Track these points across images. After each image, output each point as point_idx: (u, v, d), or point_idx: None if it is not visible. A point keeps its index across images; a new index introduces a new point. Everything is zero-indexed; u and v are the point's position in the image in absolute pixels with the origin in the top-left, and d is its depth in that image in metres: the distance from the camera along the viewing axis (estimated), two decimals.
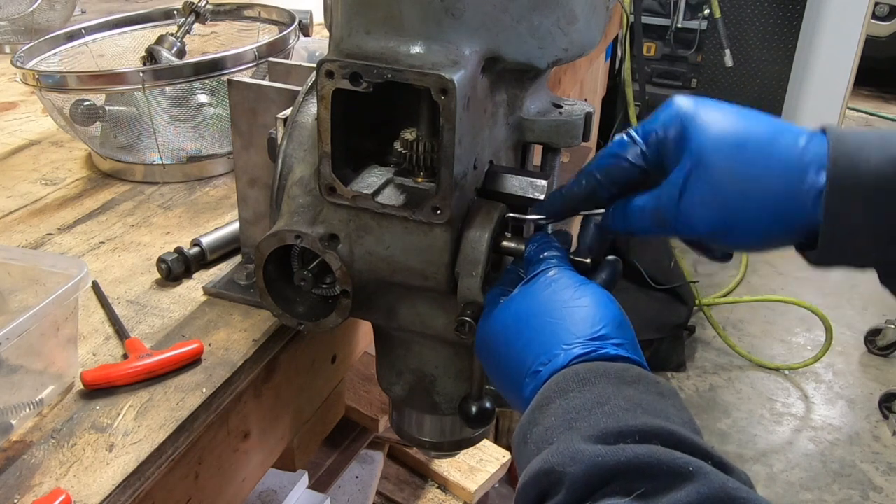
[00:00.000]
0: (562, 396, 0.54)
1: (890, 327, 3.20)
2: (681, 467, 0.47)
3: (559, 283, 0.62)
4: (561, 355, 0.57)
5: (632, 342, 0.59)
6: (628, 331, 0.60)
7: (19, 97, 1.48)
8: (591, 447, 0.49)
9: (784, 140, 0.61)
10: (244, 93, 0.85)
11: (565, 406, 0.53)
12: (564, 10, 0.67)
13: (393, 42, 0.63)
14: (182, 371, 0.75)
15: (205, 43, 1.44)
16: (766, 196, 0.60)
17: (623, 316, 0.61)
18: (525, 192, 0.70)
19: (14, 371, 0.70)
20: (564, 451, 0.49)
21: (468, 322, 0.66)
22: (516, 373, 0.60)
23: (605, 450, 0.48)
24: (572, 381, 0.55)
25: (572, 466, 0.48)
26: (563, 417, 0.53)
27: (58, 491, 0.61)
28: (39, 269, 0.74)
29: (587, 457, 0.48)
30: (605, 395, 0.53)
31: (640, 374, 0.55)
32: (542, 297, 0.62)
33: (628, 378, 0.55)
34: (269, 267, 0.71)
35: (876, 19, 5.09)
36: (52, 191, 1.11)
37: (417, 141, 0.68)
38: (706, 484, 0.46)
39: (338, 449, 1.37)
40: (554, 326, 0.59)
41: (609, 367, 0.55)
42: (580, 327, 0.58)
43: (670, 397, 0.55)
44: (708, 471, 0.47)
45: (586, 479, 0.47)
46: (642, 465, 0.47)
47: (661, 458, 0.47)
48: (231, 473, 0.76)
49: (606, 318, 0.59)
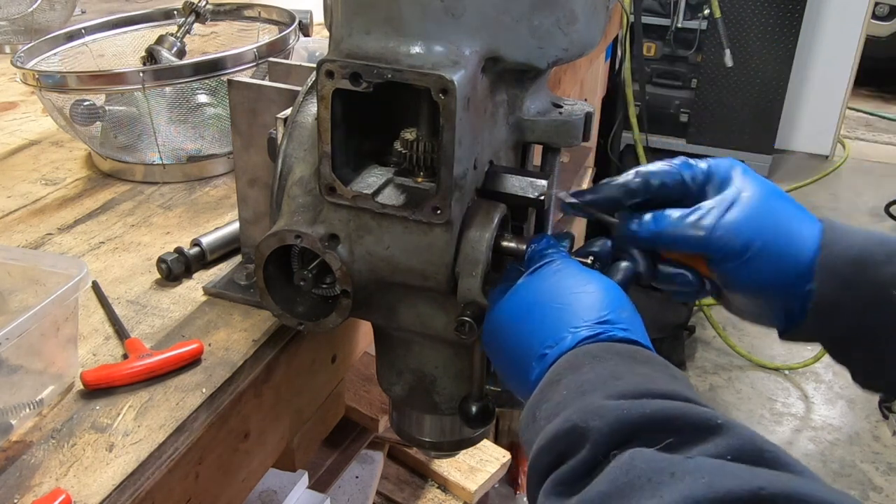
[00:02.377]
0: (574, 372, 0.54)
1: None
2: (708, 420, 0.46)
3: (564, 272, 0.63)
4: (568, 338, 0.57)
5: (639, 329, 0.59)
6: (635, 317, 0.60)
7: (19, 97, 1.48)
8: (613, 402, 0.48)
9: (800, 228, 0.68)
10: (244, 93, 0.85)
11: (577, 380, 0.53)
12: (564, 10, 0.67)
13: (393, 42, 0.63)
14: (182, 371, 0.75)
15: (205, 43, 1.44)
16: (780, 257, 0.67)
17: (630, 304, 0.61)
18: (525, 192, 0.70)
19: (14, 371, 0.70)
20: (586, 408, 0.49)
21: (468, 322, 0.66)
22: (523, 358, 0.60)
23: (630, 404, 0.48)
24: (584, 358, 0.55)
25: (595, 421, 0.47)
26: (575, 391, 0.52)
27: (58, 491, 0.61)
28: (39, 269, 0.74)
29: (611, 410, 0.47)
30: (618, 370, 0.53)
31: (650, 356, 0.56)
32: (547, 283, 0.62)
33: (640, 358, 0.55)
34: (269, 267, 0.71)
35: (876, 19, 5.09)
36: (52, 191, 1.11)
37: (417, 141, 0.68)
38: (735, 436, 0.45)
39: (338, 449, 1.36)
40: (560, 311, 0.59)
41: (620, 347, 0.56)
42: (587, 312, 0.59)
43: (682, 379, 0.55)
44: (735, 424, 0.46)
45: (611, 433, 0.47)
46: (668, 418, 0.46)
47: (686, 411, 0.47)
48: (231, 473, 0.76)
49: (613, 303, 0.60)
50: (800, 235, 0.67)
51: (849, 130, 5.23)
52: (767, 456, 0.45)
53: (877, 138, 5.31)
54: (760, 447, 0.45)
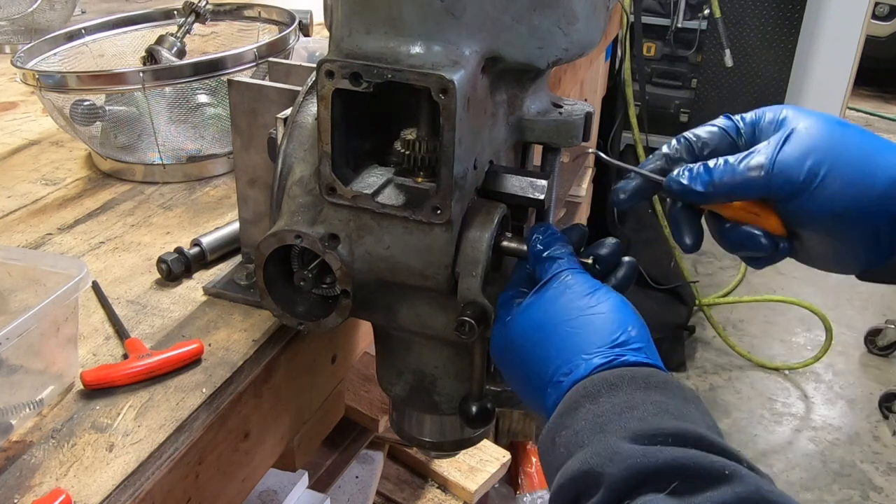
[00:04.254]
0: (591, 401, 0.55)
1: (890, 327, 3.20)
2: (717, 469, 0.48)
3: (574, 290, 0.62)
4: (582, 365, 0.58)
5: (649, 344, 0.60)
6: (644, 332, 0.60)
7: (19, 97, 1.48)
8: (628, 446, 0.50)
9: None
10: (244, 93, 0.85)
11: (595, 410, 0.54)
12: (564, 10, 0.67)
13: (393, 42, 0.63)
14: (182, 371, 0.75)
15: (205, 43, 1.44)
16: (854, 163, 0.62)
17: (639, 318, 0.61)
18: (525, 192, 0.70)
19: (14, 371, 0.70)
20: (602, 452, 0.50)
21: (468, 322, 0.66)
22: (537, 382, 0.61)
23: (643, 450, 0.49)
24: (601, 385, 0.55)
25: (610, 467, 0.49)
26: (594, 421, 0.54)
27: (58, 491, 0.61)
28: (39, 269, 0.73)
29: (625, 457, 0.49)
30: (633, 399, 0.54)
31: (665, 380, 0.56)
32: (558, 305, 0.62)
33: (654, 383, 0.55)
34: (269, 267, 0.71)
35: (876, 19, 5.10)
36: (52, 191, 1.11)
37: (417, 141, 0.68)
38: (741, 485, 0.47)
39: (338, 449, 1.36)
40: (573, 336, 0.60)
41: (636, 373, 0.56)
42: (599, 335, 0.59)
43: (694, 402, 0.56)
44: (743, 473, 0.48)
45: (625, 479, 0.48)
46: (680, 467, 0.48)
47: (698, 460, 0.48)
48: (231, 473, 0.76)
49: (624, 323, 0.59)
50: (874, 158, 0.62)
51: None
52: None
53: None
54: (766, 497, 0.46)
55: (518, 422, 2.36)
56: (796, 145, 0.63)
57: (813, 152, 0.62)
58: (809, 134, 0.63)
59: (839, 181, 0.62)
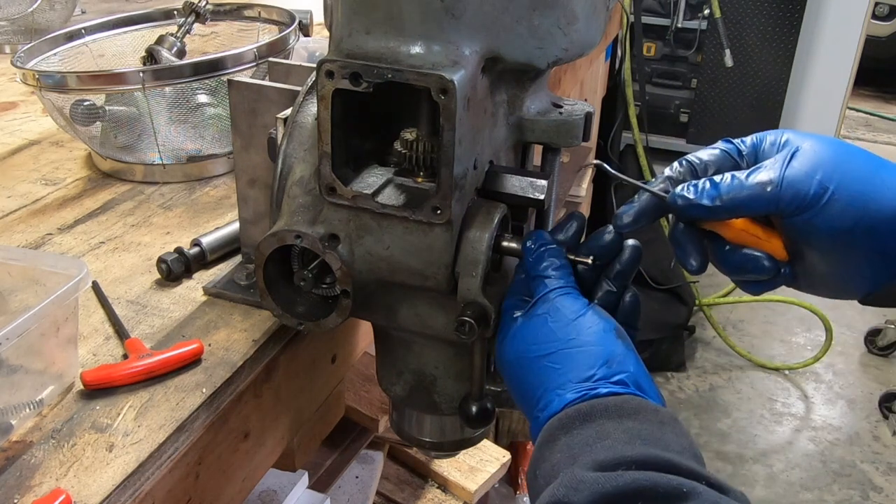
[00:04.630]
0: (566, 433, 0.58)
1: (890, 327, 3.20)
2: (675, 488, 0.50)
3: (558, 318, 0.63)
4: (555, 401, 0.60)
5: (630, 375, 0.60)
6: (625, 362, 0.61)
7: (19, 97, 1.48)
8: (591, 475, 0.52)
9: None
10: (244, 93, 0.85)
11: (569, 442, 0.57)
12: (564, 10, 0.67)
13: (393, 42, 0.63)
14: (182, 371, 0.75)
15: (205, 43, 1.44)
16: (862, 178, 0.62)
17: (620, 347, 0.62)
18: (525, 192, 0.70)
19: (14, 371, 0.70)
20: (568, 483, 0.53)
21: (468, 322, 0.66)
22: (524, 411, 0.65)
23: (605, 476, 0.52)
24: (575, 418, 0.58)
25: (575, 495, 0.52)
26: (568, 453, 0.56)
27: (58, 491, 0.61)
28: (39, 269, 0.74)
29: (588, 485, 0.52)
30: (605, 429, 0.56)
31: (639, 406, 0.58)
32: (541, 335, 0.64)
33: (627, 410, 0.57)
34: (269, 267, 0.71)
35: (876, 19, 5.10)
36: (52, 191, 1.11)
37: (417, 141, 0.68)
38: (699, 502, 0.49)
39: (338, 449, 1.36)
40: (551, 372, 0.62)
41: (609, 403, 0.58)
42: (576, 370, 0.61)
43: (670, 424, 0.57)
44: (701, 490, 0.50)
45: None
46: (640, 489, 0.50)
47: (657, 481, 0.51)
48: (231, 473, 0.76)
49: (601, 358, 0.61)
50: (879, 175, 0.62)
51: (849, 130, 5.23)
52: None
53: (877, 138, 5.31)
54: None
55: (518, 422, 2.36)
56: (804, 161, 0.63)
57: (820, 168, 0.62)
58: (815, 151, 0.63)
59: (847, 197, 0.61)
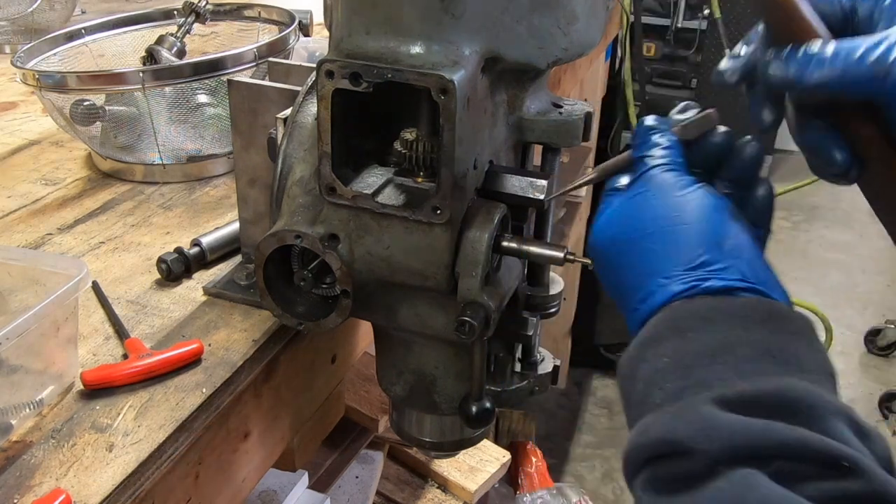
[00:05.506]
0: (678, 335, 0.49)
1: (890, 327, 3.20)
2: (833, 458, 0.41)
3: (658, 193, 0.55)
4: (657, 293, 0.52)
5: (746, 260, 0.52)
6: (740, 247, 0.52)
7: (19, 97, 1.48)
8: (725, 418, 0.43)
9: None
10: (244, 93, 0.85)
11: (682, 347, 0.48)
12: (564, 10, 0.67)
13: (393, 42, 0.63)
14: (182, 371, 0.75)
15: (205, 43, 1.44)
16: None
17: (734, 228, 0.53)
18: (525, 192, 0.70)
19: (14, 371, 0.70)
20: (694, 422, 0.44)
21: (468, 322, 0.66)
22: (620, 302, 0.56)
23: (745, 427, 0.43)
24: (689, 318, 0.49)
25: (706, 443, 0.43)
26: (679, 362, 0.48)
27: (58, 491, 0.61)
28: (39, 269, 0.74)
29: (724, 433, 0.43)
30: (728, 340, 0.47)
31: (770, 310, 0.49)
32: (640, 212, 0.55)
33: (756, 317, 0.49)
34: (269, 267, 0.71)
35: None
36: (52, 191, 1.11)
37: (417, 141, 0.68)
38: (863, 483, 0.40)
39: (338, 449, 1.36)
40: (649, 255, 0.53)
41: (734, 305, 0.49)
42: (678, 253, 0.52)
43: (803, 334, 0.50)
44: (866, 468, 0.41)
45: (721, 455, 0.43)
46: (790, 452, 0.42)
47: (813, 445, 0.42)
48: (231, 473, 0.76)
49: (710, 237, 0.52)
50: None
51: None
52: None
53: None
54: (891, 501, 0.40)
55: (518, 422, 2.37)
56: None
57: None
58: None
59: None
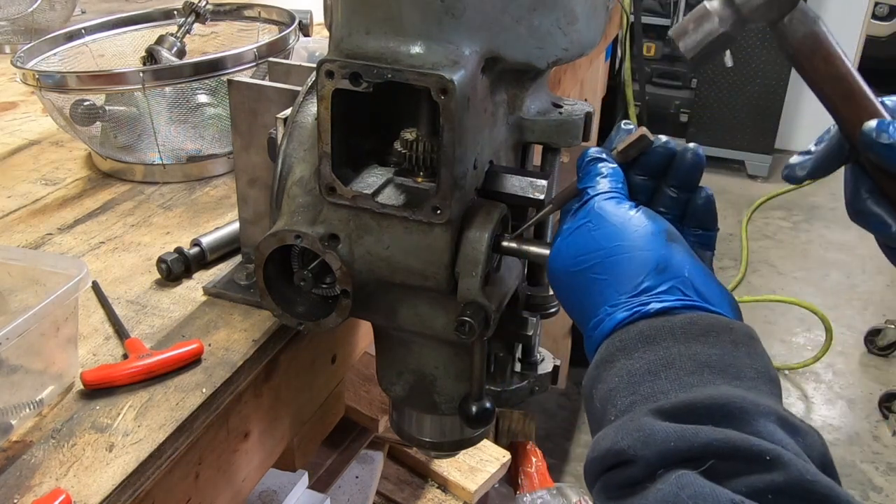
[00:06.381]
0: (626, 356, 0.52)
1: (890, 327, 3.20)
2: (756, 454, 0.44)
3: (599, 224, 0.58)
4: (605, 321, 0.55)
5: (683, 280, 0.55)
6: (679, 266, 0.56)
7: (19, 97, 1.48)
8: (660, 426, 0.47)
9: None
10: (244, 93, 0.85)
11: (629, 367, 0.52)
12: (564, 10, 0.67)
13: (393, 42, 0.63)
14: (182, 371, 0.75)
15: (205, 43, 1.44)
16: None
17: (672, 249, 0.56)
18: (525, 192, 0.70)
19: (14, 371, 0.70)
20: (634, 432, 0.48)
21: (468, 322, 0.66)
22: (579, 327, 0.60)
23: (676, 431, 0.46)
24: (636, 339, 0.53)
25: (644, 450, 0.46)
26: (627, 380, 0.51)
27: (58, 491, 0.61)
28: (39, 269, 0.74)
29: (659, 439, 0.46)
30: (669, 355, 0.51)
31: (709, 325, 0.52)
32: (584, 244, 0.59)
33: (695, 331, 0.52)
34: (269, 267, 0.71)
35: (876, 19, 5.08)
36: (52, 191, 1.11)
37: (417, 141, 0.68)
38: (784, 473, 0.44)
39: (338, 449, 1.36)
40: (596, 284, 0.57)
41: (675, 323, 0.52)
42: (622, 281, 0.55)
43: (743, 343, 0.52)
44: (786, 459, 0.44)
45: (658, 460, 0.46)
46: (716, 450, 0.45)
47: (735, 443, 0.45)
48: (231, 473, 0.76)
49: (650, 263, 0.55)
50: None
51: None
52: (816, 497, 0.43)
53: None
54: (808, 487, 0.43)
55: (518, 422, 2.36)
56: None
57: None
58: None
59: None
